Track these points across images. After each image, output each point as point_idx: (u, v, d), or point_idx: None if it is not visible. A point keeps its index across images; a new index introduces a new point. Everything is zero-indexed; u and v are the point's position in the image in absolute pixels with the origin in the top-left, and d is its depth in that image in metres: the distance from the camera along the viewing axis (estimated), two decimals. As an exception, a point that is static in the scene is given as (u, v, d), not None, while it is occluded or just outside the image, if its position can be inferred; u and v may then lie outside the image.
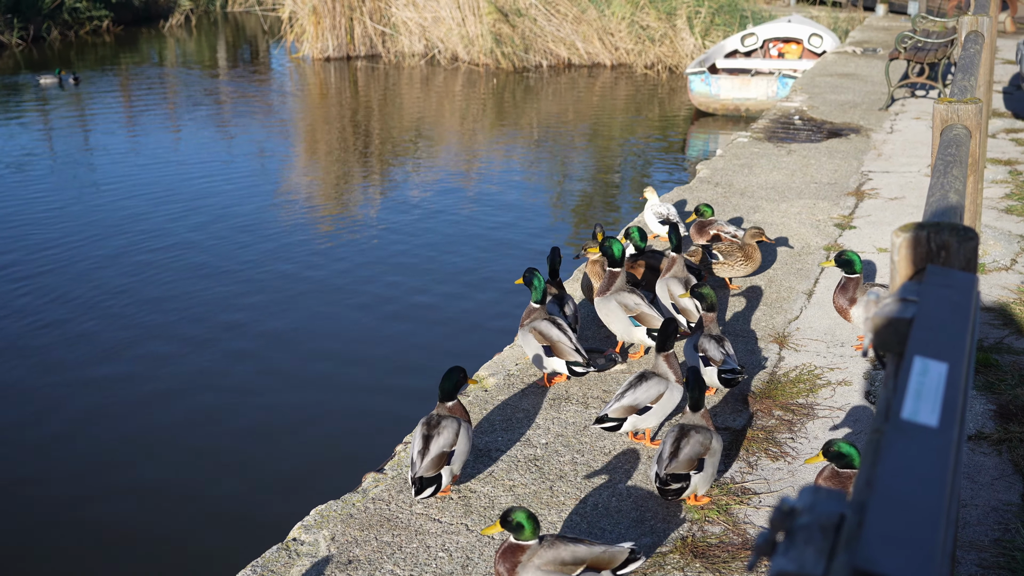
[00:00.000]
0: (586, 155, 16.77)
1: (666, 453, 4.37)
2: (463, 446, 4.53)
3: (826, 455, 4.07)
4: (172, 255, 10.91)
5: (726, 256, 6.75)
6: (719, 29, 23.41)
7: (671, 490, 4.33)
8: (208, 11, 35.44)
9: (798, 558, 1.33)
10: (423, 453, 4.45)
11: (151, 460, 6.99)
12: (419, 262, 10.73)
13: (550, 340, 5.44)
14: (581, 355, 5.41)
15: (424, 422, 4.58)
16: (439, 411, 4.62)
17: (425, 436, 4.50)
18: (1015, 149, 11.10)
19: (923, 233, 2.36)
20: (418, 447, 4.48)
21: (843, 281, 5.82)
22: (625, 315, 5.70)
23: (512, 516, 3.73)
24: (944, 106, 4.33)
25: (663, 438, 4.60)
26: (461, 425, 4.56)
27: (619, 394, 4.88)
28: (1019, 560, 3.98)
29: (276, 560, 4.14)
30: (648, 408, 4.82)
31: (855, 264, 5.77)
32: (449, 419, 4.56)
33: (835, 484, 4.04)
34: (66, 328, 9.04)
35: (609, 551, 3.78)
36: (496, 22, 23.71)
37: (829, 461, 4.08)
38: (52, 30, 28.48)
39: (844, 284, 5.81)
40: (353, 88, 22.35)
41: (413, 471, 4.43)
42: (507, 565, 3.74)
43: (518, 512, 3.73)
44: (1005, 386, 5.42)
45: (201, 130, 18.04)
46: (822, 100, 14.03)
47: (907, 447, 1.48)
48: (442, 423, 4.54)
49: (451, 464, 4.48)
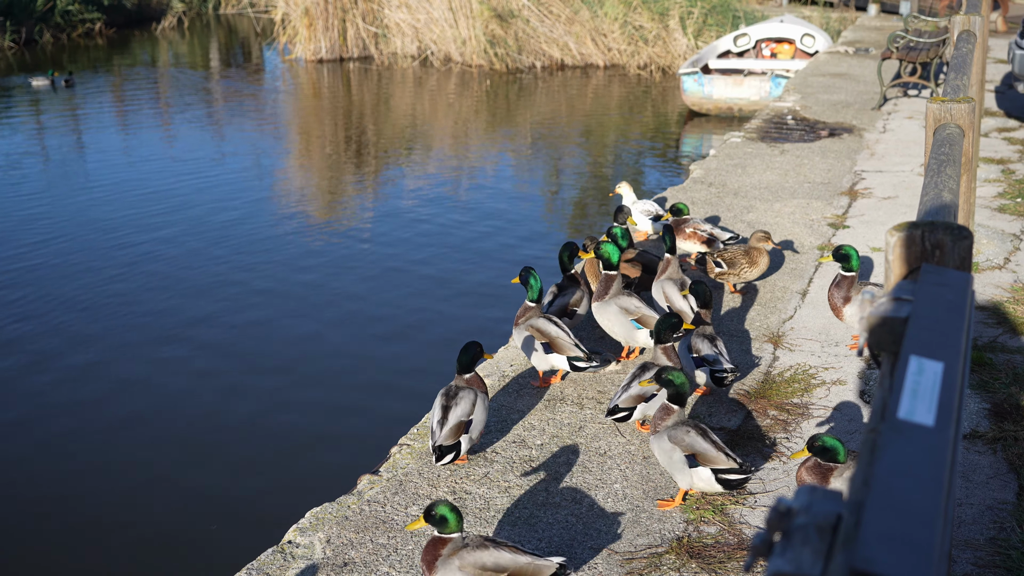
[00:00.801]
0: (579, 156, 16.78)
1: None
2: (480, 415, 4.78)
3: (811, 449, 4.15)
4: (165, 258, 10.88)
5: (730, 264, 6.68)
6: (712, 30, 23.44)
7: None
8: (201, 13, 35.40)
9: (795, 559, 1.33)
10: (442, 423, 4.69)
11: (145, 463, 6.97)
12: (412, 265, 10.72)
13: (549, 337, 5.43)
14: (582, 350, 5.41)
15: (443, 393, 4.83)
16: (457, 383, 4.86)
17: (444, 407, 4.74)
18: (1008, 148, 11.12)
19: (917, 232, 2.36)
20: (437, 417, 4.73)
21: (838, 278, 5.80)
22: (627, 319, 5.69)
23: (435, 510, 3.71)
24: (937, 105, 4.34)
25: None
26: (478, 395, 4.82)
27: (625, 385, 5.02)
28: (1014, 558, 3.98)
29: (271, 563, 4.13)
30: (654, 395, 4.94)
31: (852, 260, 5.75)
32: (467, 390, 4.81)
33: (816, 476, 4.14)
34: (58, 329, 9.01)
35: (535, 563, 3.69)
36: (489, 23, 23.71)
37: (814, 455, 4.16)
38: (44, 33, 28.42)
39: (839, 281, 5.79)
40: (346, 90, 22.34)
41: (433, 440, 4.69)
42: (428, 557, 3.71)
43: (440, 505, 3.71)
44: (999, 385, 5.43)
45: (194, 132, 18.01)
46: (815, 100, 14.05)
47: (903, 446, 1.48)
48: (460, 394, 4.79)
49: (469, 432, 4.72)
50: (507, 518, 4.40)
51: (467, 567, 3.66)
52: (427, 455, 4.93)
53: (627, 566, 4.07)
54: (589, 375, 5.76)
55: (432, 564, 3.70)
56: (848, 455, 4.18)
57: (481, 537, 3.76)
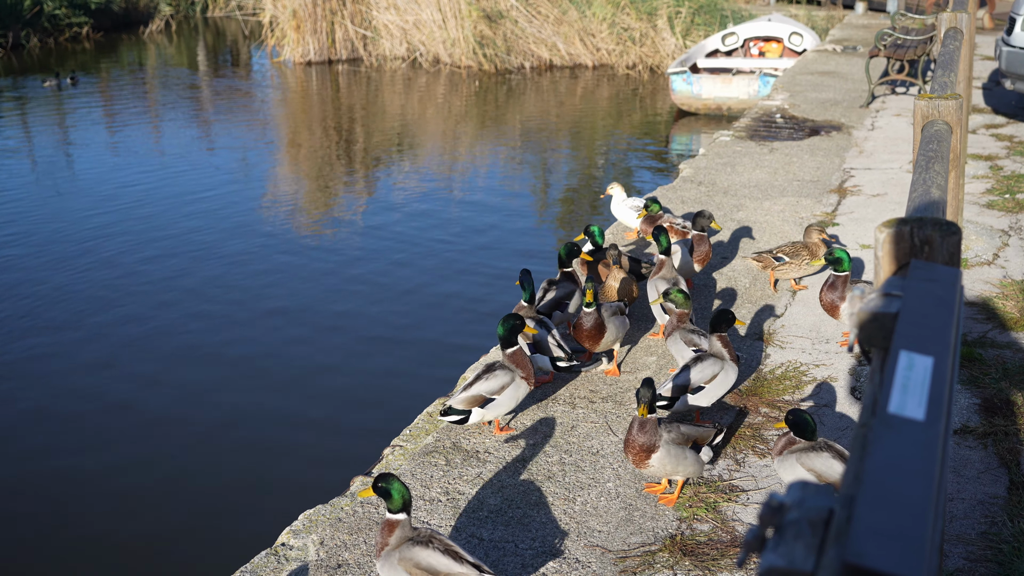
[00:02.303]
0: (569, 156, 16.79)
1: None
2: (507, 398, 4.85)
3: (788, 422, 4.37)
4: (150, 261, 10.86)
5: (792, 256, 6.81)
6: (700, 29, 23.47)
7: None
8: (188, 16, 35.30)
9: (788, 554, 1.33)
10: (467, 388, 4.88)
11: (136, 467, 6.95)
12: (403, 267, 10.71)
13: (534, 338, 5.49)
14: (564, 351, 5.49)
15: (486, 364, 5.00)
16: (502, 359, 4.98)
17: (477, 376, 4.90)
18: (995, 144, 11.17)
19: (906, 228, 2.38)
20: (467, 382, 4.94)
21: (831, 279, 5.83)
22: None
23: (381, 482, 3.66)
24: (925, 102, 4.35)
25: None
26: (514, 380, 4.86)
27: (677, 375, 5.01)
28: (1006, 552, 4.00)
29: (265, 565, 4.12)
30: (702, 388, 4.98)
31: (844, 262, 5.79)
32: (505, 370, 4.89)
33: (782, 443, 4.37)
34: (52, 333, 8.99)
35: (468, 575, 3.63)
36: (477, 24, 23.70)
37: (791, 429, 4.36)
38: (32, 37, 28.30)
39: (832, 282, 5.82)
40: (335, 92, 22.31)
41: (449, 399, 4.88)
42: (380, 540, 3.70)
43: (389, 480, 3.65)
44: (989, 380, 5.45)
45: (182, 135, 17.96)
46: (803, 98, 14.08)
47: (894, 441, 1.49)
48: (497, 371, 4.88)
49: (484, 408, 4.81)
50: (500, 518, 4.41)
51: (404, 562, 3.64)
52: (420, 456, 4.93)
53: (621, 564, 4.08)
54: (582, 376, 5.77)
55: (380, 552, 3.70)
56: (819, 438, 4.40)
57: (430, 533, 3.71)
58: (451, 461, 4.89)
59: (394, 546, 3.67)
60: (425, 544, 3.66)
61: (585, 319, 5.55)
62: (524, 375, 4.93)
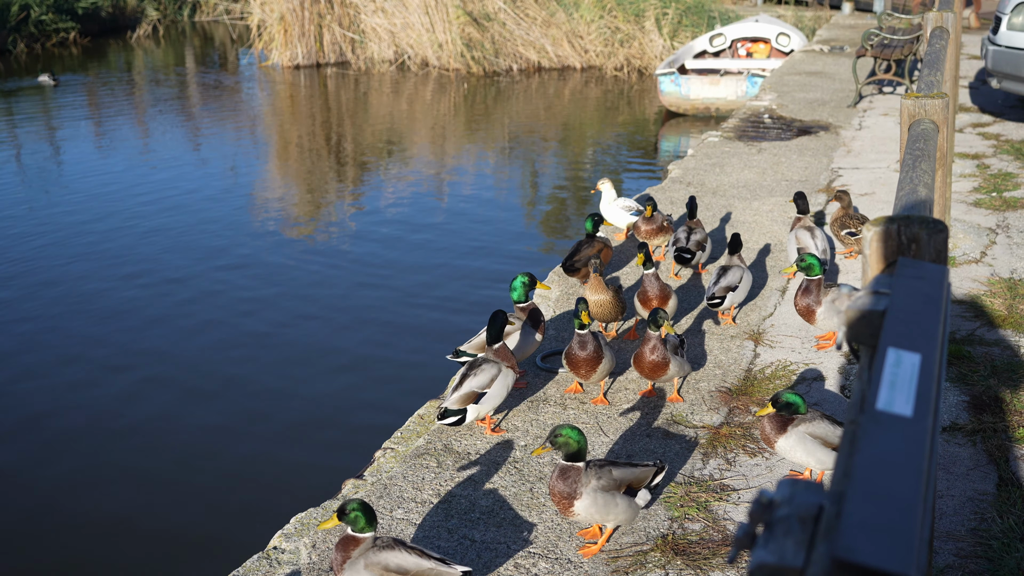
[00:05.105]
0: (558, 158, 16.80)
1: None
2: (497, 389, 4.95)
3: (775, 405, 4.44)
4: (138, 265, 10.83)
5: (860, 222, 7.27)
6: (687, 30, 23.51)
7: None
8: (176, 21, 35.19)
9: (778, 550, 1.34)
10: (456, 389, 4.97)
11: (129, 470, 6.93)
12: (395, 269, 10.71)
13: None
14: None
15: (469, 363, 5.08)
16: (486, 355, 5.10)
17: (463, 375, 5.00)
18: (982, 143, 11.21)
19: (893, 226, 2.39)
20: (455, 383, 5.02)
21: (805, 283, 5.83)
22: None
23: (348, 508, 3.71)
24: (911, 101, 4.37)
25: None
26: (502, 370, 4.99)
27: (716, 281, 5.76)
28: (995, 548, 4.02)
29: (257, 569, 4.12)
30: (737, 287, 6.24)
31: (815, 267, 5.81)
32: (491, 364, 5.01)
33: (775, 426, 4.45)
34: (48, 336, 8.96)
35: (438, 570, 3.68)
36: (465, 27, 23.70)
37: (778, 411, 4.43)
38: (18, 43, 28.19)
39: (806, 286, 5.82)
40: (323, 95, 22.28)
41: (443, 402, 4.95)
42: (339, 556, 3.72)
43: (352, 504, 3.70)
44: (978, 377, 5.48)
45: (170, 140, 17.92)
46: (791, 98, 14.12)
47: (883, 437, 1.50)
48: (482, 366, 5.00)
49: (479, 404, 4.89)
50: (492, 519, 4.41)
51: (372, 566, 3.68)
52: (411, 458, 4.93)
53: (613, 564, 4.08)
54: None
55: (342, 564, 3.71)
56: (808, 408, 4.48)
57: (392, 539, 3.77)
58: (443, 463, 4.89)
59: (357, 556, 3.71)
60: (390, 548, 3.71)
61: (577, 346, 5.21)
62: (509, 364, 5.06)
